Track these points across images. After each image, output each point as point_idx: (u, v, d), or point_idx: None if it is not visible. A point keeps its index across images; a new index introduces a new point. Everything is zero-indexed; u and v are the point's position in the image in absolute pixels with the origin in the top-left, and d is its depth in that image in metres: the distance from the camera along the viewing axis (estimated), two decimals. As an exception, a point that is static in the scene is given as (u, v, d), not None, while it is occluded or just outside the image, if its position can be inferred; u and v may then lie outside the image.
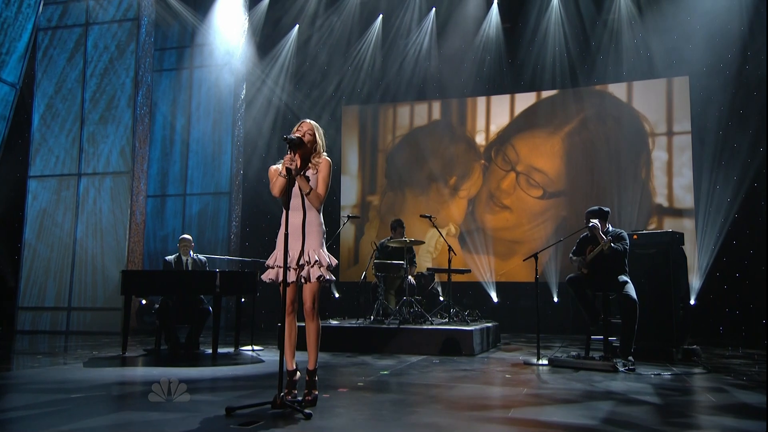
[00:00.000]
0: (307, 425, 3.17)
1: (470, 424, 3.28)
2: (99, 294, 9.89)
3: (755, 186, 8.82)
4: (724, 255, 8.93)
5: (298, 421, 3.23)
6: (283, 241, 3.56)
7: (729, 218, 8.94)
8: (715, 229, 9.04)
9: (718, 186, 9.05)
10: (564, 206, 10.13)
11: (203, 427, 3.14)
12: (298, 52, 11.86)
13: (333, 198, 11.41)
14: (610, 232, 5.84)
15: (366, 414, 3.47)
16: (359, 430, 3.10)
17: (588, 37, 10.33)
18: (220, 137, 11.52)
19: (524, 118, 10.60)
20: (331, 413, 3.45)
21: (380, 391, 4.30)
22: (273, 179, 3.81)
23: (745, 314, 8.75)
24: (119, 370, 5.43)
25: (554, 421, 3.35)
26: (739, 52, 9.11)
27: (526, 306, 10.23)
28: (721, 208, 9.04)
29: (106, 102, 10.31)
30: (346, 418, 3.36)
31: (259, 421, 3.24)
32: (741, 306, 8.80)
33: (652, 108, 9.84)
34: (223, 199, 11.35)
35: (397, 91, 11.26)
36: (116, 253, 9.87)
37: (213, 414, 3.43)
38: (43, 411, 3.57)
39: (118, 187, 10.05)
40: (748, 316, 8.72)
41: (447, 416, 3.44)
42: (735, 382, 4.79)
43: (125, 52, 10.36)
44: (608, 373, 5.16)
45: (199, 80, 11.80)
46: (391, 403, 3.82)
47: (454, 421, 3.31)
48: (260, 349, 7.00)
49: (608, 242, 5.61)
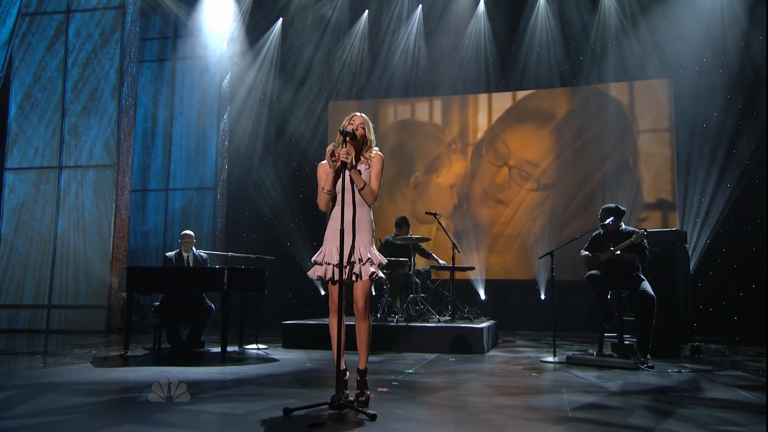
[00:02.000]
0: (379, 427, 3.08)
1: (544, 425, 3.25)
2: (81, 291, 9.52)
3: (741, 184, 9.04)
4: (711, 253, 9.13)
5: (364, 423, 3.14)
6: (339, 237, 3.44)
7: (715, 215, 9.14)
8: (698, 225, 9.24)
9: (701, 184, 9.27)
10: (557, 199, 10.21)
11: (271, 429, 3.03)
12: (286, 46, 11.65)
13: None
14: (625, 230, 5.89)
15: (427, 414, 3.41)
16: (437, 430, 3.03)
17: (574, 37, 10.43)
18: (204, 131, 11.24)
19: (512, 114, 10.66)
20: (391, 414, 3.37)
21: (421, 390, 4.24)
22: (323, 177, 3.67)
23: (737, 310, 8.94)
24: (136, 371, 5.22)
25: (626, 423, 3.35)
26: (720, 54, 9.32)
27: (515, 303, 10.31)
28: (703, 205, 9.27)
29: (89, 92, 9.92)
30: (411, 419, 3.29)
31: (325, 422, 3.15)
32: (731, 301, 8.99)
33: (637, 107, 10.02)
34: (207, 194, 11.09)
35: (384, 88, 11.16)
36: (100, 249, 9.52)
37: (268, 416, 3.31)
38: (94, 412, 3.39)
39: (102, 181, 9.69)
40: (740, 312, 8.91)
41: (511, 417, 3.40)
42: (755, 379, 4.90)
43: (109, 41, 9.99)
44: (629, 370, 5.21)
45: (183, 72, 11.50)
46: (443, 403, 3.77)
47: (526, 422, 3.27)
48: (265, 347, 6.84)
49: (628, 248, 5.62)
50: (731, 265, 9.04)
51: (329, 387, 4.26)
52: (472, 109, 10.87)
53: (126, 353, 6.23)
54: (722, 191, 9.10)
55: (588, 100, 10.30)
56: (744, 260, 8.96)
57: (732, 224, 9.08)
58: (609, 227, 5.86)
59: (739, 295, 8.95)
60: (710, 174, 9.26)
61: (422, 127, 11.08)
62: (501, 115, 10.72)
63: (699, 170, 9.37)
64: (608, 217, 5.87)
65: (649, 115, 9.98)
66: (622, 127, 10.07)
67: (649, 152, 9.86)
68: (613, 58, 10.12)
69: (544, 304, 9.98)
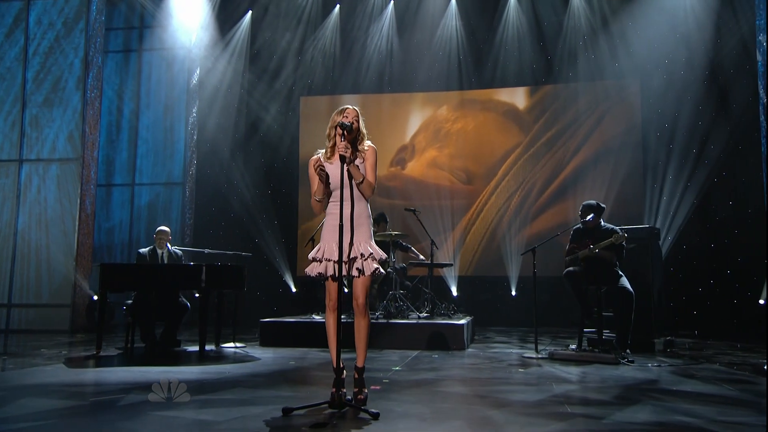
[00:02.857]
0: (384, 426, 3.03)
1: (547, 421, 3.25)
2: (44, 290, 9.18)
3: (707, 183, 9.29)
4: (675, 250, 9.35)
5: (369, 422, 3.09)
6: (338, 233, 3.37)
7: (682, 213, 9.38)
8: (661, 222, 9.46)
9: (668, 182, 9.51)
10: (524, 196, 10.32)
11: (274, 429, 2.95)
12: (257, 39, 11.44)
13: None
14: (604, 227, 5.98)
15: (427, 411, 3.37)
16: (442, 429, 3.00)
17: (544, 36, 10.56)
18: (172, 124, 10.98)
19: (481, 111, 10.72)
20: (393, 412, 3.33)
21: (413, 387, 4.20)
22: (315, 171, 3.54)
23: (696, 305, 9.20)
24: (115, 371, 5.04)
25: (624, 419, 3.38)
26: (686, 56, 9.57)
27: (486, 299, 10.38)
28: (663, 202, 9.51)
29: (51, 83, 9.56)
30: (413, 416, 3.25)
31: (328, 422, 3.08)
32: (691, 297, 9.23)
33: (605, 105, 10.18)
34: (176, 190, 10.83)
35: (354, 83, 11.09)
36: (64, 245, 9.18)
37: (270, 416, 3.23)
38: (83, 415, 3.25)
39: (66, 175, 9.35)
40: (699, 307, 9.17)
41: (514, 414, 3.40)
42: (732, 372, 5.04)
43: (73, 29, 9.63)
44: (611, 365, 5.29)
45: (149, 64, 11.20)
46: (441, 400, 3.75)
47: (528, 419, 3.27)
48: (243, 345, 6.71)
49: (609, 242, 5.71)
50: (691, 261, 9.29)
51: (320, 385, 4.22)
52: (441, 105, 10.88)
53: (98, 353, 6.03)
54: (689, 190, 9.35)
55: (556, 98, 10.44)
56: (704, 258, 9.24)
57: (694, 222, 9.33)
58: (589, 224, 5.93)
59: (698, 291, 9.21)
60: (676, 172, 9.51)
61: (393, 122, 11.03)
62: (470, 111, 10.76)
63: (666, 168, 9.61)
64: (589, 214, 5.94)
65: (617, 114, 10.16)
66: (591, 125, 10.23)
67: (617, 150, 10.03)
68: (582, 58, 10.28)
69: (515, 300, 10.09)
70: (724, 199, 9.32)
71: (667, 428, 3.06)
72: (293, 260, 10.81)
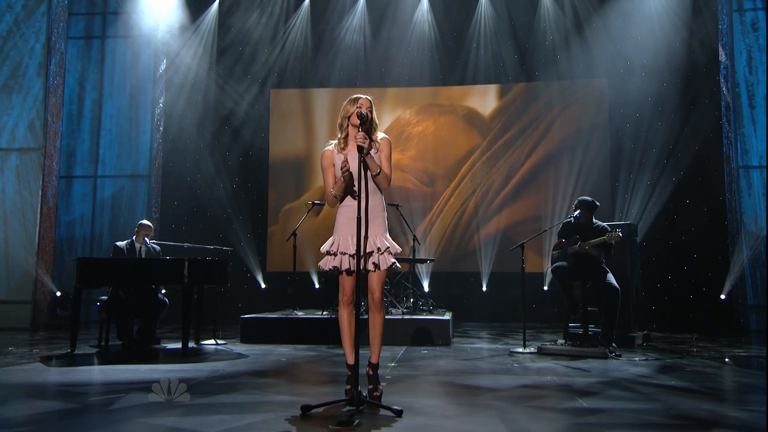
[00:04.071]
0: (410, 423, 2.97)
1: (569, 417, 3.25)
2: (2, 285, 8.74)
3: (673, 182, 9.55)
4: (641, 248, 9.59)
5: (394, 420, 3.02)
6: (354, 226, 3.28)
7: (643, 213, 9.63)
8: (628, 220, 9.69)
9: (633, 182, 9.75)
10: (484, 193, 10.40)
11: (297, 428, 2.85)
12: (225, 28, 11.13)
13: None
14: (596, 225, 6.05)
15: (449, 407, 3.33)
16: (470, 424, 2.96)
17: (513, 35, 10.64)
18: (137, 115, 10.59)
19: (446, 108, 10.75)
20: (412, 408, 3.27)
21: (421, 383, 4.16)
22: (342, 173, 3.42)
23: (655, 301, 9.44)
24: (99, 370, 4.82)
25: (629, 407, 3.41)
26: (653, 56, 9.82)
27: (456, 295, 10.40)
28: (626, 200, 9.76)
29: (10, 69, 9.10)
30: (437, 414, 3.20)
31: (350, 420, 3.00)
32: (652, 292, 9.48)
33: (574, 105, 10.34)
34: (141, 183, 10.46)
35: (324, 77, 10.94)
36: (24, 239, 8.77)
37: (289, 414, 3.13)
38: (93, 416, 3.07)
39: (26, 166, 8.93)
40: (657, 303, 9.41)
41: (533, 408, 3.39)
42: (720, 366, 5.18)
43: (34, 13, 9.20)
44: (600, 359, 5.36)
45: (113, 51, 10.75)
46: (456, 395, 3.71)
47: (545, 413, 3.27)
48: (224, 342, 6.53)
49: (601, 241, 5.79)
50: (650, 258, 9.53)
51: (325, 383, 4.12)
52: (412, 103, 10.85)
53: (73, 351, 5.76)
54: (657, 188, 9.58)
55: (526, 96, 10.53)
56: (665, 255, 9.50)
57: (658, 220, 9.58)
58: (581, 219, 6.00)
59: (657, 287, 9.46)
60: (641, 170, 9.74)
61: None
62: (435, 107, 10.77)
63: (630, 166, 9.85)
64: (583, 210, 6.00)
65: (585, 114, 10.33)
66: (560, 124, 10.37)
67: (584, 148, 10.19)
68: (550, 57, 10.40)
69: (485, 296, 10.15)
70: (682, 198, 9.58)
71: (682, 420, 3.10)
72: (263, 255, 10.60)
